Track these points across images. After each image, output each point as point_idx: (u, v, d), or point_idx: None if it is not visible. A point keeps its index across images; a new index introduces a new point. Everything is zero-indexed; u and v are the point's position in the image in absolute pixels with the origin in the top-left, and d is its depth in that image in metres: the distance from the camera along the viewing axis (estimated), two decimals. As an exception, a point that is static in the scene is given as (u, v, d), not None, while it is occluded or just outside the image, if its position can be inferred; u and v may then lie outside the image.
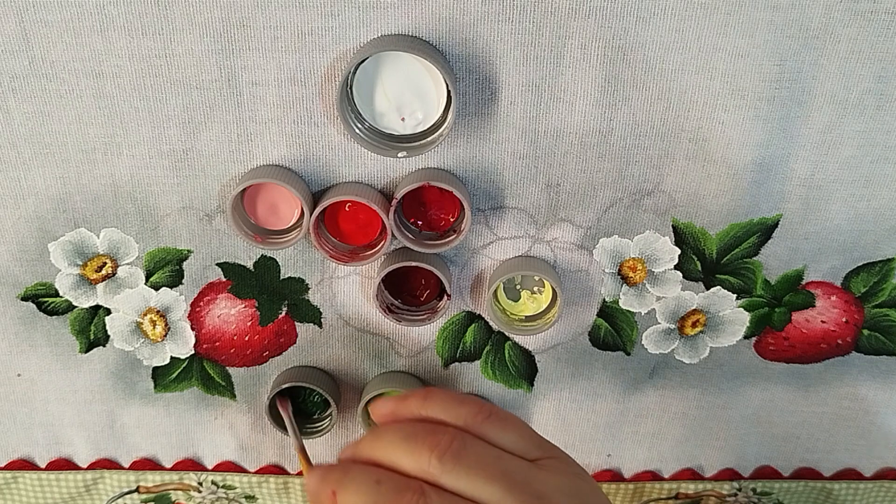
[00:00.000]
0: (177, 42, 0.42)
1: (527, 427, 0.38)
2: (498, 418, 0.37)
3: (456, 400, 0.38)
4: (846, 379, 0.55)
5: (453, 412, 0.37)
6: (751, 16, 0.42)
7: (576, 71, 0.43)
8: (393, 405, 0.39)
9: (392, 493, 0.34)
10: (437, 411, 0.37)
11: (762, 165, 0.46)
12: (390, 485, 0.34)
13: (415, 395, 0.38)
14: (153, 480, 0.58)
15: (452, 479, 0.34)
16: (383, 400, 0.39)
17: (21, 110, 0.44)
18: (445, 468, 0.34)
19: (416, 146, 0.44)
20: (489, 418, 0.37)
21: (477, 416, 0.37)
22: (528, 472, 0.35)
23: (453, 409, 0.37)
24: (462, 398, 0.38)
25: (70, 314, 0.51)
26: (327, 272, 0.50)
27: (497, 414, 0.37)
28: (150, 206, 0.48)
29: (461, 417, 0.37)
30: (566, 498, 0.35)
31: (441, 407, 0.37)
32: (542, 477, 0.35)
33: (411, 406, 0.38)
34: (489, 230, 0.49)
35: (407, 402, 0.38)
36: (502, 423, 0.37)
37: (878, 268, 0.51)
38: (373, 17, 0.42)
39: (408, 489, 0.34)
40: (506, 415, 0.38)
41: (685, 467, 0.59)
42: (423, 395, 0.38)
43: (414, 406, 0.38)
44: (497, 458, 0.35)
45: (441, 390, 0.39)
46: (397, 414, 0.38)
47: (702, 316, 0.52)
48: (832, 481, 0.59)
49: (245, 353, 0.53)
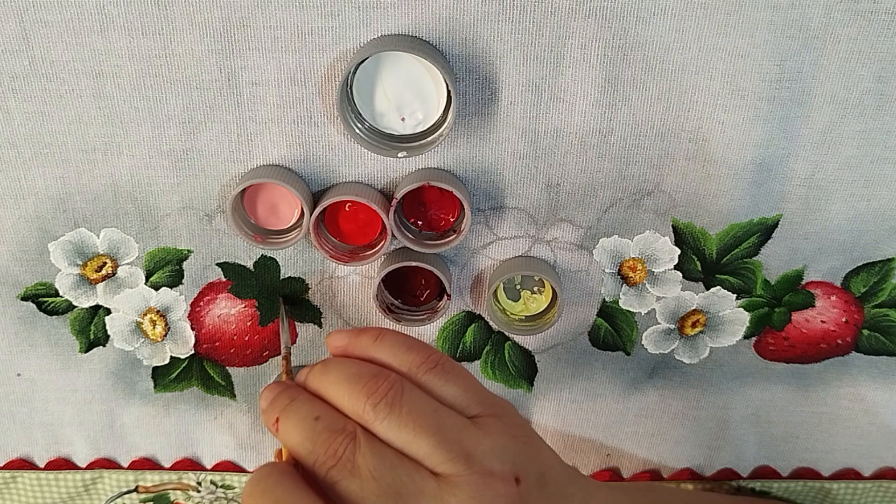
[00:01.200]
0: (177, 42, 0.42)
1: (472, 381, 0.38)
2: (443, 370, 0.37)
3: (405, 345, 0.38)
4: (846, 379, 0.55)
5: (401, 357, 0.37)
6: (751, 16, 0.42)
7: (576, 71, 0.43)
8: (346, 340, 0.39)
9: (326, 432, 0.35)
10: (386, 354, 0.38)
11: (762, 165, 0.46)
12: (327, 423, 0.35)
13: (367, 333, 0.38)
14: (152, 480, 0.58)
15: (384, 428, 0.35)
16: (339, 332, 0.39)
17: (21, 110, 0.44)
18: (378, 416, 0.34)
19: (416, 146, 0.44)
20: (434, 369, 0.37)
21: (422, 366, 0.37)
22: (462, 430, 0.35)
23: (401, 354, 0.37)
24: (412, 344, 0.38)
25: (70, 314, 0.51)
26: (327, 272, 0.50)
27: (443, 365, 0.37)
28: (150, 206, 0.48)
29: (406, 364, 0.37)
30: (496, 460, 0.35)
31: (390, 350, 0.38)
32: (476, 435, 0.35)
33: (363, 343, 0.38)
34: (489, 230, 0.49)
35: (360, 338, 0.38)
36: (447, 374, 0.37)
37: (878, 268, 0.51)
38: (373, 17, 0.42)
39: (342, 431, 0.35)
40: (452, 366, 0.38)
41: (684, 467, 0.59)
42: (376, 334, 0.38)
43: (365, 344, 0.38)
44: (433, 412, 0.35)
45: (394, 333, 0.39)
46: (349, 350, 0.38)
47: (702, 316, 0.52)
48: (831, 481, 0.59)
49: (245, 353, 0.53)
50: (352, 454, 0.34)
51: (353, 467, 0.34)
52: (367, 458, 0.34)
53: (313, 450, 0.35)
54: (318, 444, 0.35)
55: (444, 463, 0.34)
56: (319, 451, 0.34)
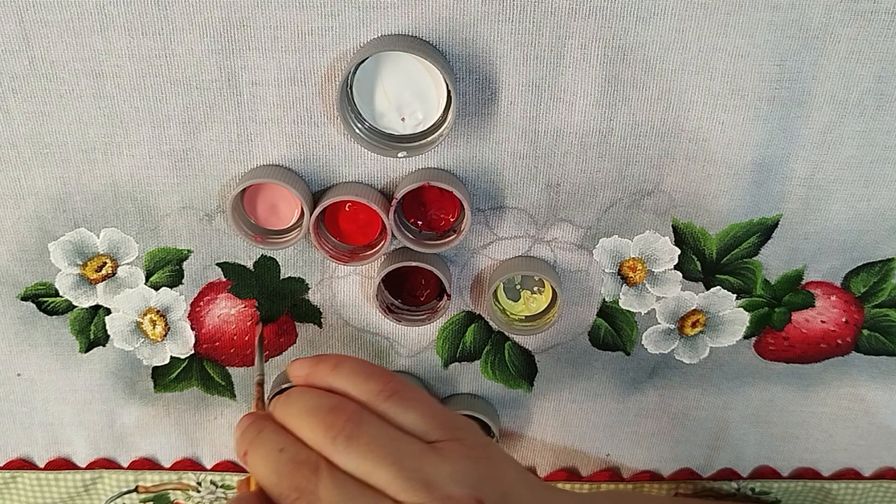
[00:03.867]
0: (177, 42, 0.42)
1: (431, 406, 0.38)
2: (401, 397, 0.37)
3: (363, 374, 0.38)
4: (846, 379, 0.55)
5: (360, 386, 0.38)
6: (751, 16, 0.42)
7: (576, 71, 0.43)
8: (307, 369, 0.39)
9: (290, 465, 0.35)
10: (344, 383, 0.38)
11: (762, 165, 0.46)
12: (290, 455, 0.36)
13: (326, 361, 0.39)
14: (152, 480, 0.58)
15: (344, 459, 0.35)
16: (300, 361, 0.40)
17: (21, 110, 0.44)
18: (338, 448, 0.35)
19: (416, 146, 0.44)
20: (391, 397, 0.37)
21: (380, 394, 0.37)
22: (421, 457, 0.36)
23: (360, 383, 0.38)
24: (370, 372, 0.38)
25: (70, 314, 0.51)
26: (327, 272, 0.50)
27: (400, 393, 0.38)
28: (150, 206, 0.48)
29: (365, 393, 0.37)
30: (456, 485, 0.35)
31: (348, 379, 0.38)
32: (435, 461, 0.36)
33: (322, 373, 0.39)
34: (489, 230, 0.49)
35: (318, 367, 0.39)
36: (405, 402, 0.37)
37: (878, 268, 0.51)
38: (373, 17, 0.42)
39: (305, 463, 0.35)
40: (410, 393, 0.38)
41: (684, 467, 0.59)
42: (334, 362, 0.39)
43: (324, 373, 0.39)
44: (391, 441, 0.36)
45: (352, 360, 0.39)
46: (309, 379, 0.39)
47: (702, 316, 0.52)
48: (831, 481, 0.59)
49: (245, 353, 0.53)
50: (314, 486, 0.34)
51: (316, 499, 0.34)
52: (329, 490, 0.34)
53: (278, 482, 0.35)
54: (283, 477, 0.35)
55: (404, 491, 0.34)
56: (284, 483, 0.35)
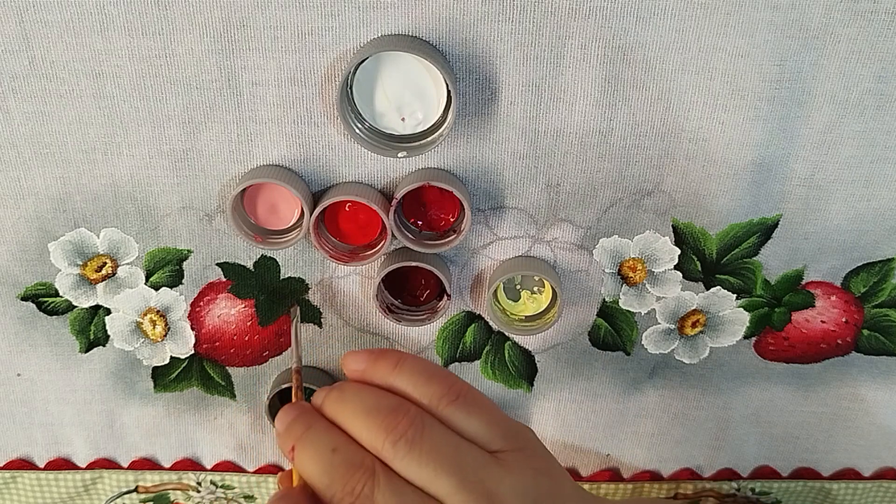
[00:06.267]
0: (177, 42, 0.42)
1: (494, 412, 0.37)
2: (465, 402, 0.36)
3: (425, 375, 0.36)
4: (846, 379, 0.55)
5: (421, 388, 0.36)
6: (751, 16, 0.42)
7: (576, 71, 0.43)
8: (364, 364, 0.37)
9: (344, 467, 0.34)
10: (405, 383, 0.36)
11: (762, 165, 0.46)
12: (344, 456, 0.34)
13: (386, 358, 0.37)
14: (152, 480, 0.58)
15: (404, 466, 0.34)
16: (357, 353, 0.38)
17: (21, 110, 0.44)
18: (398, 454, 0.34)
19: (416, 146, 0.44)
20: (455, 401, 0.36)
21: (444, 398, 0.36)
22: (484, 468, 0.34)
23: (422, 384, 0.36)
24: (432, 373, 0.37)
25: (70, 314, 0.51)
26: (327, 272, 0.50)
27: (465, 396, 0.36)
28: (150, 206, 0.48)
29: (427, 396, 0.36)
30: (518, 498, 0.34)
31: (409, 380, 0.36)
32: (498, 474, 0.34)
33: (381, 370, 0.37)
34: (489, 230, 0.49)
35: (378, 364, 0.37)
36: (469, 407, 0.36)
37: (878, 268, 0.51)
38: (373, 17, 0.42)
39: (360, 466, 0.34)
40: (475, 397, 0.36)
41: (684, 467, 0.59)
42: (395, 360, 0.37)
43: (384, 371, 0.37)
44: (454, 449, 0.34)
45: (413, 360, 0.37)
46: (366, 375, 0.37)
47: (702, 316, 0.52)
48: (831, 481, 0.59)
49: (245, 353, 0.53)
50: (370, 491, 0.33)
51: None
52: (385, 497, 0.33)
53: (330, 484, 0.34)
54: (336, 479, 0.34)
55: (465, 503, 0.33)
56: (337, 486, 0.34)
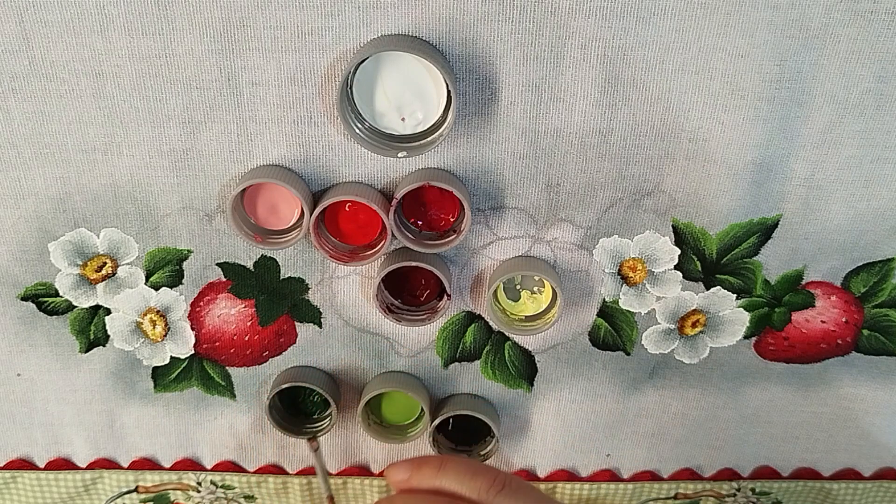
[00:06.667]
0: (177, 42, 0.42)
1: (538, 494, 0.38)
2: (511, 490, 0.37)
3: (470, 471, 0.38)
4: (846, 379, 0.55)
5: (468, 484, 0.37)
6: (751, 16, 0.42)
7: (576, 71, 0.43)
8: (408, 473, 0.39)
9: None
10: (452, 483, 0.38)
11: (762, 165, 0.46)
12: None
13: (429, 463, 0.39)
14: (152, 480, 0.58)
15: None
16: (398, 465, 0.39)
17: (21, 110, 0.44)
18: None
19: (416, 146, 0.44)
20: (503, 490, 0.37)
21: (491, 489, 0.37)
22: None
23: (468, 481, 0.37)
24: (476, 469, 0.38)
25: (70, 314, 0.51)
26: (327, 272, 0.50)
27: (510, 485, 0.37)
28: (150, 206, 0.48)
29: (475, 490, 0.37)
30: None
31: (455, 479, 0.38)
32: None
33: (426, 475, 0.38)
34: (489, 230, 0.49)
35: (422, 470, 0.39)
36: (516, 493, 0.37)
37: (878, 268, 0.51)
38: (373, 17, 0.42)
39: None
40: (519, 484, 0.38)
41: (684, 467, 0.59)
42: (438, 464, 0.38)
43: (428, 476, 0.38)
44: None
45: (455, 459, 0.39)
46: (412, 483, 0.39)
47: (702, 316, 0.52)
48: (831, 481, 0.59)
49: (245, 353, 0.53)
50: None
51: None
52: None
53: None
54: None
55: None
56: None
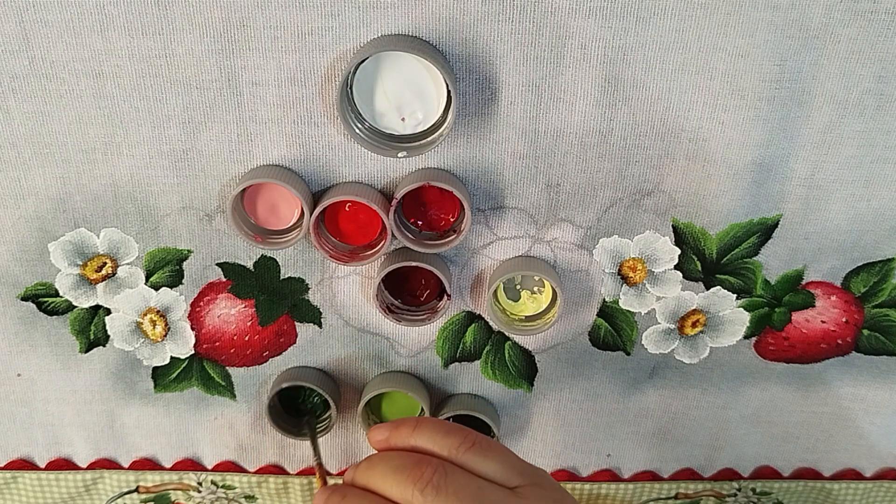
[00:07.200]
0: (177, 42, 0.42)
1: (509, 454, 0.40)
2: (480, 448, 0.39)
3: (442, 430, 0.40)
4: (846, 379, 0.55)
5: (440, 442, 0.39)
6: (751, 16, 0.42)
7: (576, 71, 0.43)
8: (387, 433, 0.41)
9: None
10: (425, 441, 0.40)
11: (762, 165, 0.46)
12: None
13: (406, 423, 0.41)
14: (153, 480, 0.58)
15: None
16: (379, 427, 0.41)
17: (21, 110, 0.44)
18: (427, 500, 0.37)
19: (416, 146, 0.44)
20: (472, 448, 0.39)
21: (460, 447, 0.39)
22: (506, 501, 0.37)
23: (440, 439, 0.40)
24: (448, 428, 0.40)
25: (70, 314, 0.51)
26: (327, 272, 0.50)
27: (480, 443, 0.39)
28: (150, 206, 0.48)
29: (446, 448, 0.39)
30: None
31: (428, 437, 0.40)
32: None
33: (402, 435, 0.41)
34: (489, 230, 0.49)
35: (399, 430, 0.41)
36: (484, 452, 0.39)
37: (878, 268, 0.51)
38: (373, 17, 0.42)
39: None
40: (489, 444, 0.40)
41: (685, 467, 0.59)
42: (413, 424, 0.41)
43: (404, 435, 0.40)
44: (477, 489, 0.37)
45: (430, 420, 0.41)
46: (390, 442, 0.41)
47: (702, 316, 0.52)
48: (832, 481, 0.59)
49: (245, 353, 0.53)
50: None
51: None
52: None
53: None
54: None
55: None
56: None
